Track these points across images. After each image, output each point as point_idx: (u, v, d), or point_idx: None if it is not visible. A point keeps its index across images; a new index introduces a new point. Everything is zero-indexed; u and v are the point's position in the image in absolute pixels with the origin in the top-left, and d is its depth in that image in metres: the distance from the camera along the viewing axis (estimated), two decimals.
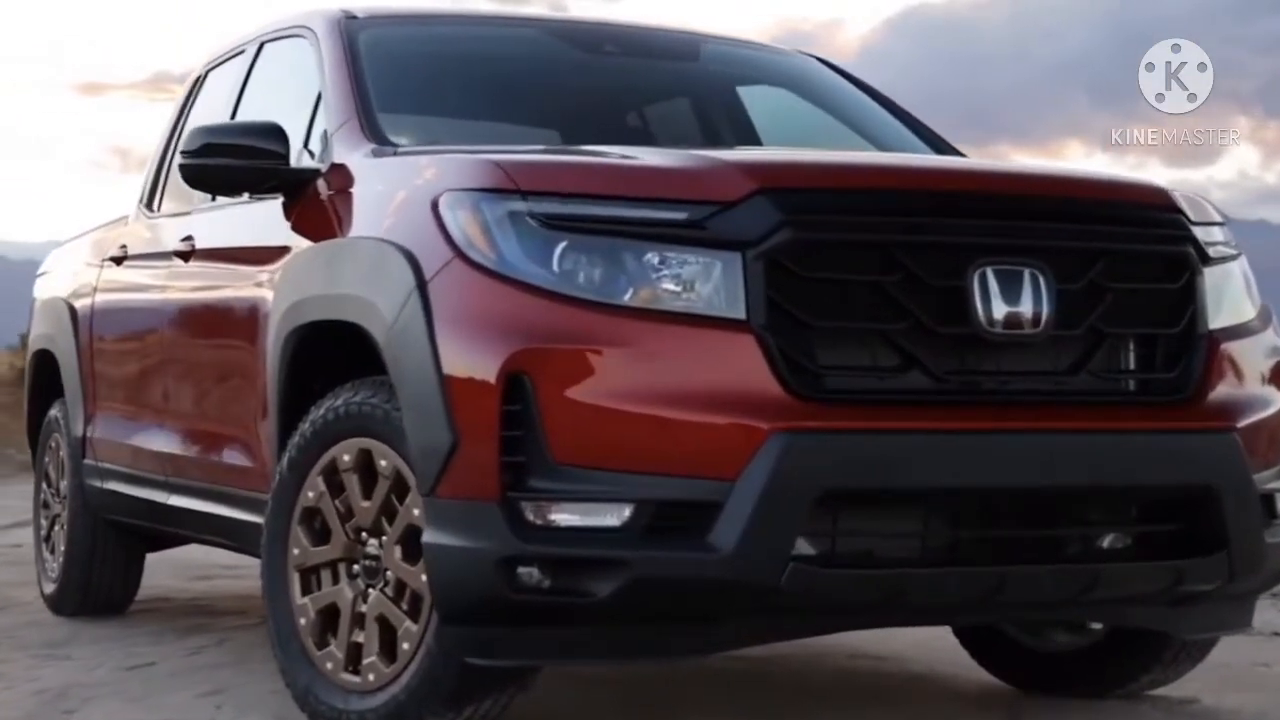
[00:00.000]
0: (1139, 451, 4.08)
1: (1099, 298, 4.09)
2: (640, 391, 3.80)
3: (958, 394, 3.97)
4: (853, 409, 3.86)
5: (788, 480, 3.75)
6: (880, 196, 4.02)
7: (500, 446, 3.80)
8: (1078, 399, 4.09)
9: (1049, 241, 4.08)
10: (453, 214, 4.03)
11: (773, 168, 4.13)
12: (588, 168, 4.15)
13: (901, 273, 3.93)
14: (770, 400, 3.79)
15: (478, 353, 3.88)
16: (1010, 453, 3.95)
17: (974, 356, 3.99)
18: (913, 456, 3.87)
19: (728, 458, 3.76)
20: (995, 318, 3.94)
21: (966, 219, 4.03)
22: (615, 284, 3.88)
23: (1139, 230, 4.21)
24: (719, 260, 3.87)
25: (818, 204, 3.94)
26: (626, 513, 3.79)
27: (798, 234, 3.86)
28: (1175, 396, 4.15)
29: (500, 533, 3.79)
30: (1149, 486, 4.11)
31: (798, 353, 3.84)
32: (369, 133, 4.85)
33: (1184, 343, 4.20)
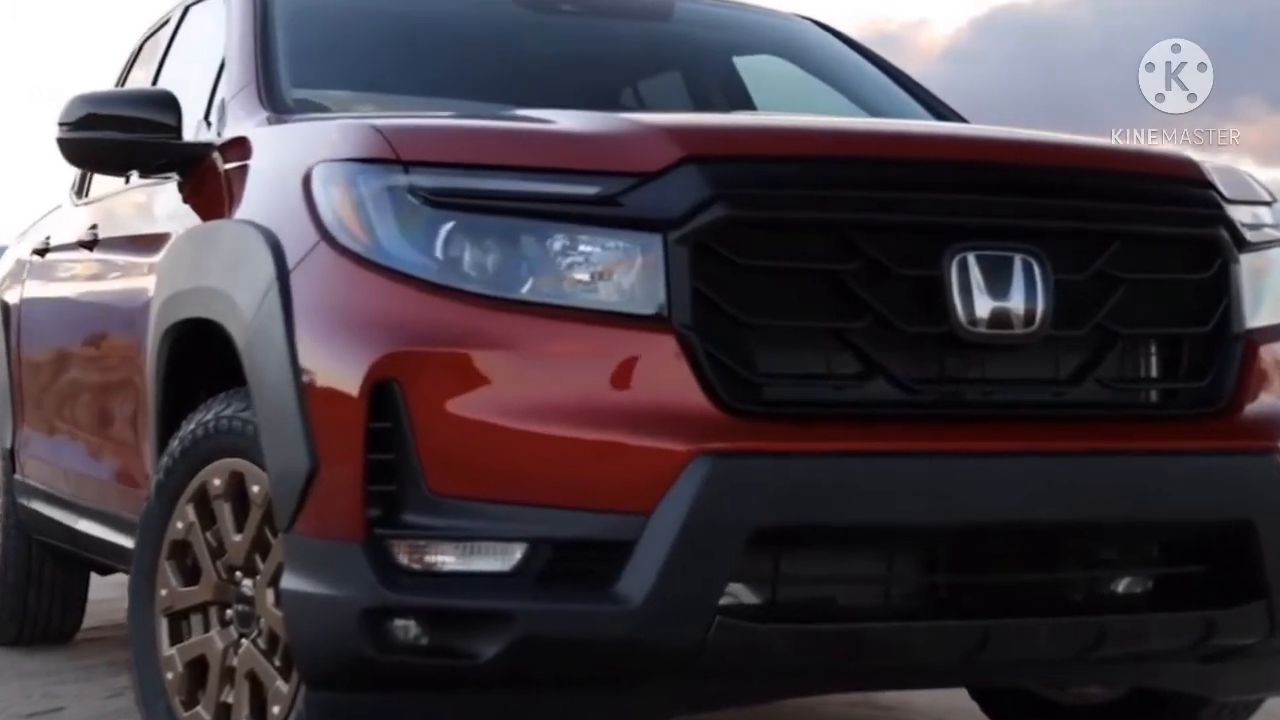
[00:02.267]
0: (1159, 477, 3.35)
1: (1109, 290, 3.36)
2: (536, 405, 3.10)
3: (931, 408, 3.26)
4: (799, 426, 3.15)
5: (714, 514, 3.04)
6: (835, 167, 3.30)
7: (364, 473, 3.11)
8: (1082, 413, 3.36)
9: (1046, 221, 3.35)
10: (325, 190, 3.35)
11: (702, 132, 3.42)
12: (481, 133, 3.45)
13: (861, 260, 3.21)
14: (695, 416, 3.09)
15: (340, 357, 3.20)
16: (996, 480, 3.23)
17: (952, 362, 3.28)
18: (874, 485, 3.15)
19: (641, 487, 3.06)
20: (978, 315, 3.22)
21: (943, 194, 3.30)
22: (510, 274, 3.18)
23: (1159, 209, 3.47)
24: (635, 244, 3.17)
25: (757, 176, 3.23)
26: (517, 555, 3.10)
27: (732, 212, 3.15)
28: (1204, 410, 3.42)
29: (364, 579, 3.10)
30: (1171, 521, 3.38)
31: (731, 357, 3.13)
32: (267, 99, 4.16)
33: (1215, 345, 3.46)
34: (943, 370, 3.28)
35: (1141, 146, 3.66)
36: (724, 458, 3.07)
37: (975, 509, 3.21)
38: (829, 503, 3.12)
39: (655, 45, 5.29)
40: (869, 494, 3.15)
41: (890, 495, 3.16)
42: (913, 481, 3.18)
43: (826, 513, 3.12)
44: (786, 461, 3.11)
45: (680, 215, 3.15)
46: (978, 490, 3.21)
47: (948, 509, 3.19)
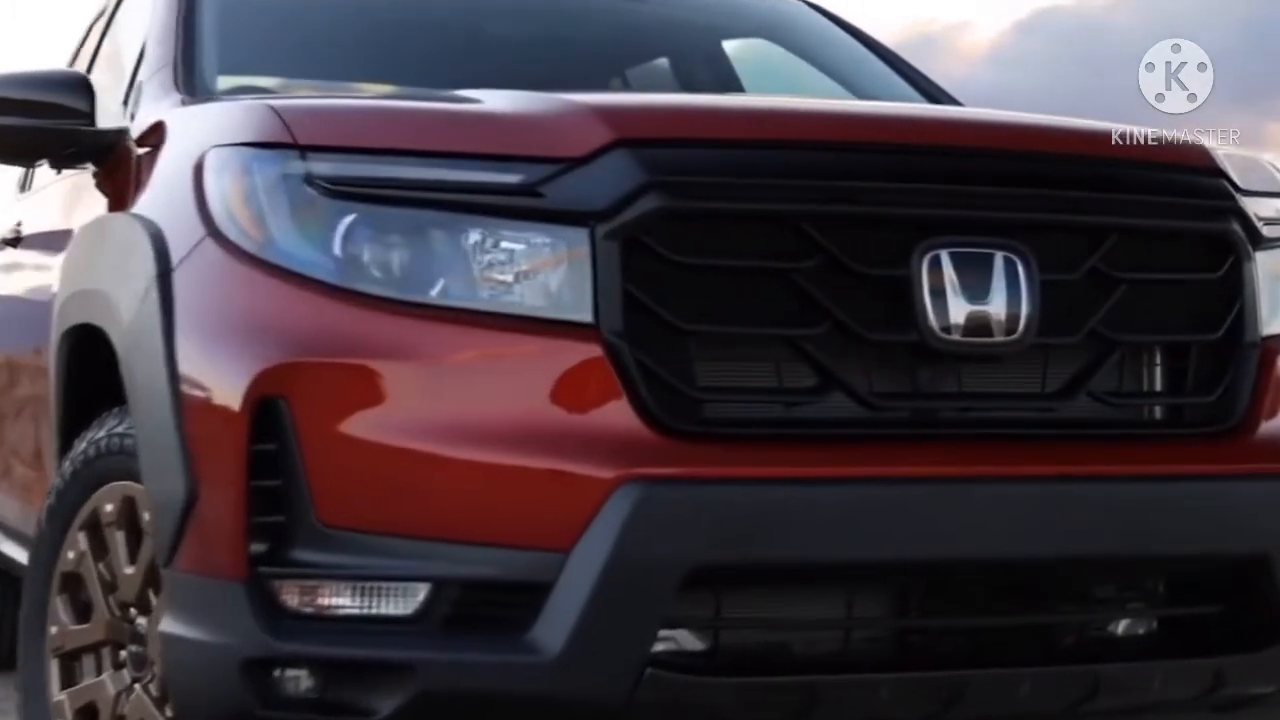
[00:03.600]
0: (1163, 506, 2.94)
1: (1104, 292, 2.95)
2: (443, 426, 2.71)
3: (898, 427, 2.85)
4: (744, 448, 2.74)
5: (643, 551, 2.64)
6: (788, 152, 2.89)
7: (246, 502, 2.72)
8: (1073, 433, 2.95)
9: (1032, 214, 2.94)
10: (216, 179, 2.96)
11: (635, 112, 3.01)
12: (389, 115, 3.05)
13: (817, 257, 2.80)
14: (623, 437, 2.69)
15: (222, 369, 2.80)
16: (974, 509, 2.82)
17: (922, 374, 2.88)
18: (831, 516, 2.75)
19: (559, 519, 2.66)
20: (953, 320, 2.81)
21: (913, 183, 2.89)
22: (418, 274, 2.79)
23: (1162, 199, 3.06)
24: (558, 240, 2.78)
25: (698, 162, 2.82)
26: (420, 597, 2.70)
27: (668, 202, 2.75)
28: (1214, 429, 3.01)
29: (246, 624, 2.70)
30: (1176, 556, 2.97)
31: (666, 369, 2.73)
32: (183, 80, 3.75)
33: (1226, 354, 3.05)
34: (912, 384, 2.88)
35: (1143, 130, 3.21)
36: (655, 485, 2.66)
37: (949, 543, 2.80)
38: (779, 536, 2.71)
39: (640, 28, 4.88)
40: (826, 526, 2.74)
41: (850, 528, 2.75)
42: (877, 512, 2.77)
43: (776, 548, 2.71)
44: (729, 489, 2.71)
45: (609, 206, 2.75)
46: (952, 522, 2.80)
47: (917, 543, 2.78)
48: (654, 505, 2.65)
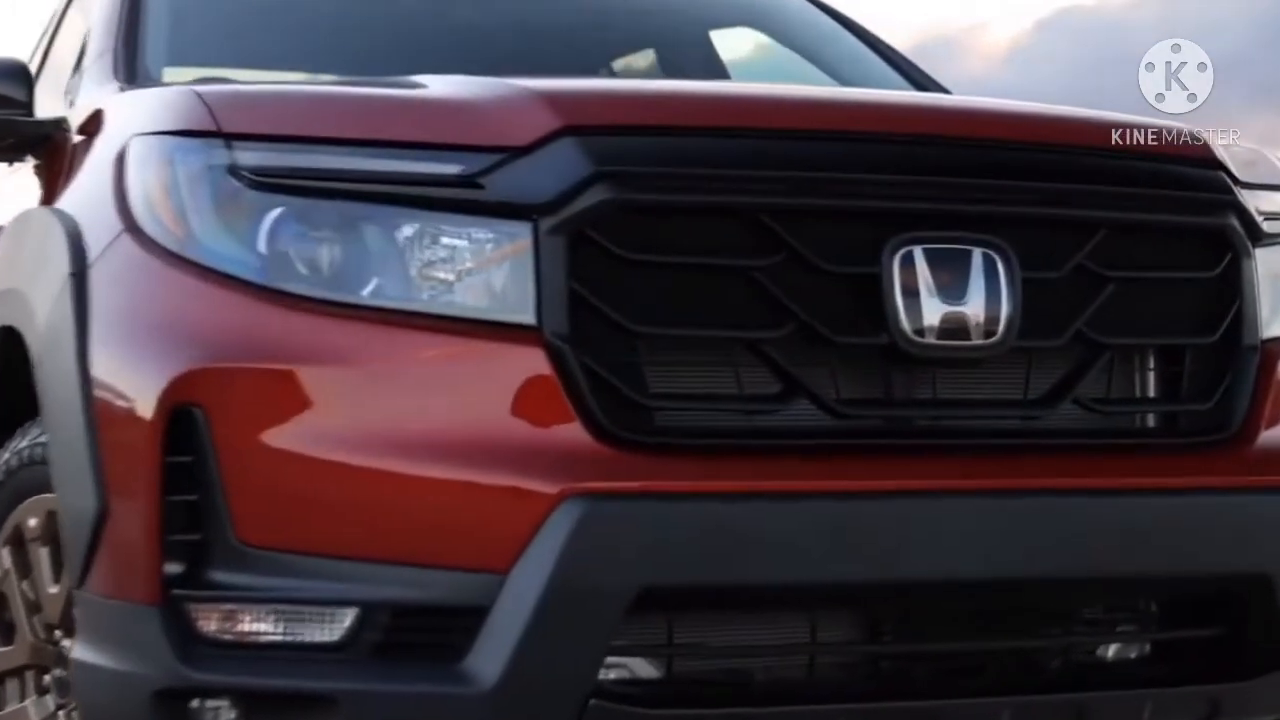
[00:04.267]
0: (1155, 522, 2.73)
1: (1092, 291, 2.75)
2: (373, 436, 2.50)
3: (867, 437, 2.65)
4: (699, 460, 2.54)
5: (587, 572, 2.44)
6: (749, 141, 2.68)
7: (160, 518, 2.51)
8: (1058, 443, 2.75)
9: (1013, 207, 2.73)
10: (138, 170, 2.76)
11: (584, 97, 2.80)
12: (322, 100, 2.84)
13: (781, 254, 2.60)
14: (567, 448, 2.48)
15: (136, 374, 2.60)
16: (950, 526, 2.62)
17: (894, 380, 2.68)
18: (795, 533, 2.54)
19: (497, 538, 2.46)
20: (926, 322, 2.61)
21: (884, 174, 2.68)
22: (349, 272, 2.59)
23: (1156, 193, 2.85)
24: (499, 235, 2.57)
25: (651, 151, 2.62)
26: (346, 622, 2.50)
27: (618, 194, 2.55)
28: (1211, 438, 2.81)
29: (159, 652, 2.50)
30: (1169, 576, 2.76)
31: (615, 375, 2.53)
32: (124, 66, 3.55)
33: (1223, 358, 2.85)
34: (882, 391, 2.67)
35: (1136, 119, 3.00)
36: (601, 500, 2.46)
37: (923, 562, 2.59)
38: (737, 556, 2.50)
39: (626, 18, 4.67)
40: (789, 545, 2.53)
41: (815, 546, 2.54)
42: (844, 529, 2.56)
43: (733, 569, 2.50)
44: (682, 505, 2.50)
45: (554, 199, 2.54)
46: (926, 539, 2.59)
47: (889, 563, 2.58)
48: (599, 522, 2.45)
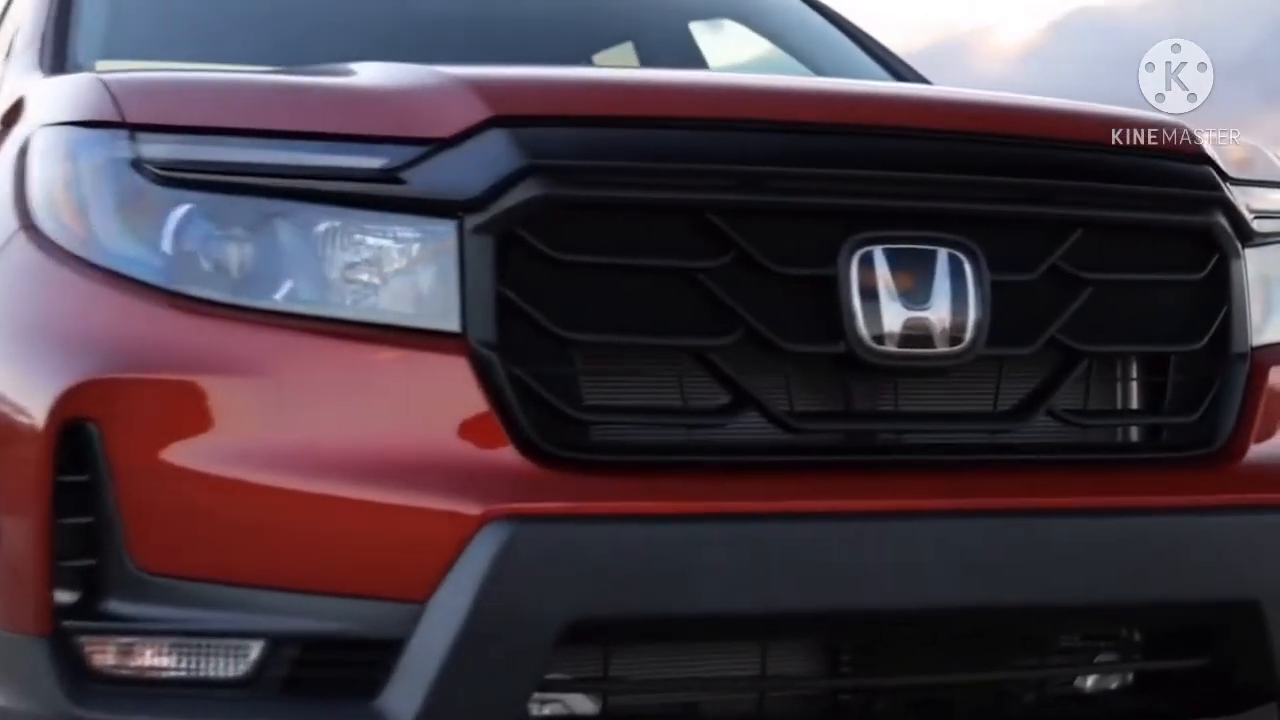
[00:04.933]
0: (1135, 545, 2.52)
1: (1068, 295, 2.55)
2: (283, 453, 2.30)
3: (822, 453, 2.44)
4: (638, 479, 2.34)
5: (512, 601, 2.24)
6: (695, 132, 2.48)
7: (50, 542, 2.30)
8: (1030, 459, 2.54)
9: (982, 204, 2.53)
10: (41, 163, 2.55)
11: (515, 85, 2.59)
12: (236, 89, 2.62)
13: (728, 254, 2.39)
14: (492, 467, 2.28)
15: (25, 386, 2.39)
16: (912, 549, 2.41)
17: (851, 392, 2.48)
18: (743, 558, 2.33)
19: (415, 564, 2.25)
20: (887, 328, 2.41)
21: (841, 168, 2.47)
22: (261, 275, 2.39)
23: (1137, 189, 2.65)
24: (421, 234, 2.36)
25: (587, 143, 2.41)
26: (253, 656, 2.30)
27: (551, 190, 2.34)
28: (1196, 453, 2.61)
29: (48, 688, 2.29)
30: (1152, 603, 2.55)
31: (547, 386, 2.33)
32: (50, 55, 3.34)
33: (1210, 367, 2.65)
34: (839, 403, 2.47)
35: (1118, 110, 2.79)
36: (529, 523, 2.25)
37: (883, 590, 2.38)
38: (678, 584, 2.30)
39: (603, 10, 4.47)
40: (735, 571, 2.32)
41: (765, 573, 2.34)
42: (796, 554, 2.35)
43: (675, 597, 2.30)
44: (618, 528, 2.30)
45: (480, 195, 2.34)
46: (887, 565, 2.39)
47: (846, 590, 2.37)
48: (526, 547, 2.24)
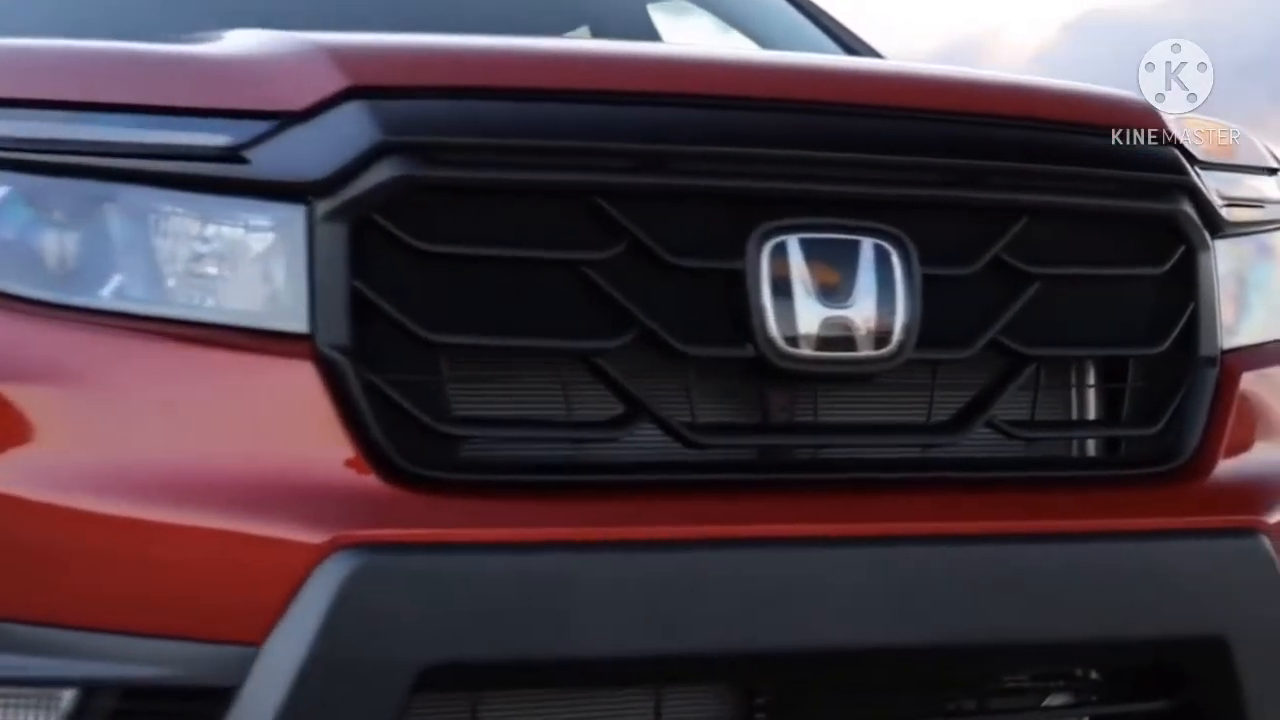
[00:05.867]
0: (1088, 573, 2.23)
1: (1012, 291, 2.25)
2: (103, 473, 2.00)
3: (729, 471, 2.15)
4: (514, 502, 2.04)
5: (359, 643, 1.94)
6: (582, 106, 2.17)
7: None
8: (968, 477, 2.23)
9: (913, 189, 2.23)
10: None
11: (378, 52, 2.28)
12: (56, 55, 2.32)
13: (620, 245, 2.10)
14: (342, 488, 1.99)
15: None
16: (832, 581, 2.10)
17: (762, 401, 2.18)
18: (631, 592, 2.03)
19: (251, 601, 1.96)
20: (802, 329, 2.11)
21: (752, 146, 2.17)
22: (85, 268, 2.09)
23: (1093, 172, 2.35)
24: (266, 221, 2.06)
25: (458, 117, 2.11)
26: (64, 704, 2.00)
27: (415, 170, 2.05)
28: (1158, 470, 2.31)
29: None
30: (1106, 640, 2.25)
31: (409, 396, 2.03)
32: None
33: (1175, 372, 2.35)
34: (748, 414, 2.17)
35: (1069, 84, 2.50)
36: (381, 553, 1.96)
37: (799, 627, 2.09)
38: (557, 623, 2.00)
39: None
40: (627, 607, 2.02)
41: (661, 609, 2.03)
42: (697, 586, 2.05)
43: (552, 639, 2.00)
44: (488, 558, 2.00)
45: (333, 176, 2.04)
46: (803, 599, 2.09)
47: (755, 629, 2.07)
48: (377, 580, 1.95)
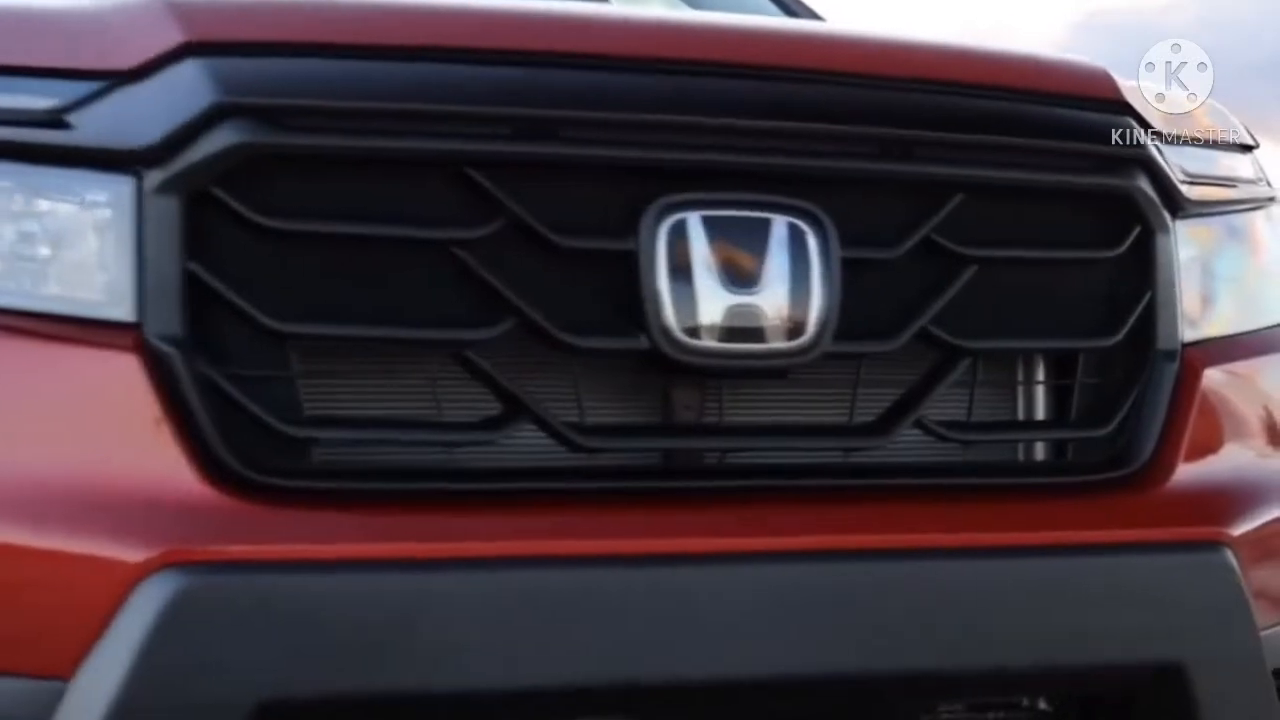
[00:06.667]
0: (1032, 593, 1.98)
1: (944, 276, 2.01)
2: None
3: (619, 478, 1.90)
4: (370, 514, 1.80)
5: (182, 677, 1.69)
6: (452, 66, 1.92)
7: None
8: (895, 485, 1.99)
9: (833, 161, 1.98)
10: None
11: (219, 5, 2.02)
12: None
13: (495, 222, 1.85)
14: (171, 498, 1.75)
15: None
16: (738, 604, 1.86)
17: (660, 399, 1.93)
18: (502, 617, 1.78)
19: (61, 628, 1.72)
20: (704, 319, 1.87)
21: (648, 112, 1.93)
22: None
23: (1037, 143, 2.10)
24: (88, 193, 1.81)
25: (309, 78, 1.87)
26: None
27: (258, 137, 1.80)
28: (1110, 476, 2.08)
29: None
30: (1052, 669, 2.00)
31: (251, 394, 1.79)
32: None
33: (1130, 367, 2.11)
34: (644, 414, 1.93)
35: (1012, 48, 2.25)
36: (212, 572, 1.71)
37: (696, 656, 1.84)
38: (416, 651, 1.75)
39: None
40: (496, 633, 1.78)
41: (537, 635, 1.79)
42: (580, 610, 1.81)
43: (410, 669, 1.75)
44: (334, 579, 1.75)
45: (163, 142, 1.79)
46: (704, 623, 1.84)
47: (645, 657, 1.83)
48: (204, 604, 1.70)
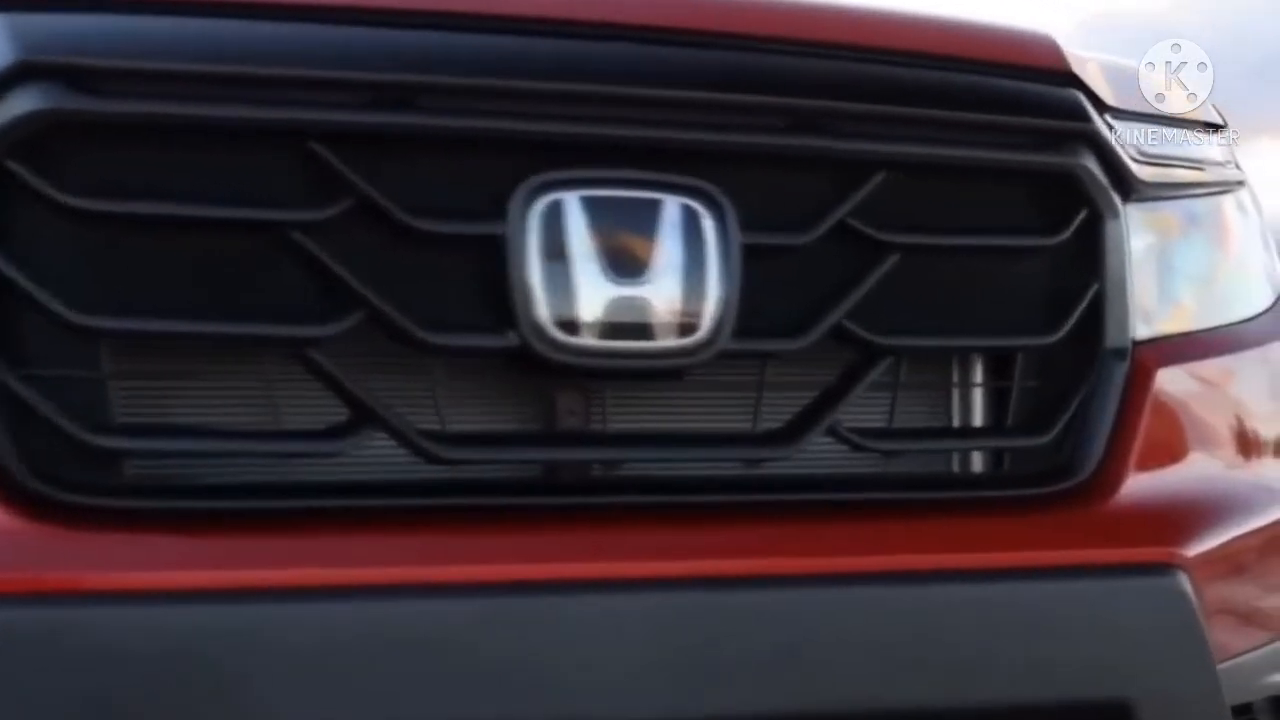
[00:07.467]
0: (959, 623, 1.76)
1: (862, 265, 1.78)
2: None
3: (485, 494, 1.68)
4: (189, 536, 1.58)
5: None
6: (293, 25, 1.69)
7: None
8: (804, 501, 1.77)
9: (733, 135, 1.76)
10: None
11: None
12: None
13: (342, 203, 1.63)
14: None
15: None
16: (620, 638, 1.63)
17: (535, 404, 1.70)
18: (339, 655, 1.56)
19: None
20: (583, 313, 1.66)
21: (520, 78, 1.70)
22: None
23: (968, 117, 1.88)
24: None
25: (125, 35, 1.64)
26: None
27: (61, 103, 1.57)
28: (1051, 489, 1.87)
29: None
30: (981, 711, 1.78)
31: (51, 398, 1.55)
32: None
33: (1073, 368, 1.89)
34: (515, 421, 1.70)
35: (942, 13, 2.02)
36: None
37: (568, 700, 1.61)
38: (234, 695, 1.52)
39: None
40: (331, 673, 1.55)
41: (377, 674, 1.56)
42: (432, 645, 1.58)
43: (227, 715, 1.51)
44: (140, 612, 1.53)
45: None
46: (580, 661, 1.62)
47: (510, 702, 1.59)
48: None
